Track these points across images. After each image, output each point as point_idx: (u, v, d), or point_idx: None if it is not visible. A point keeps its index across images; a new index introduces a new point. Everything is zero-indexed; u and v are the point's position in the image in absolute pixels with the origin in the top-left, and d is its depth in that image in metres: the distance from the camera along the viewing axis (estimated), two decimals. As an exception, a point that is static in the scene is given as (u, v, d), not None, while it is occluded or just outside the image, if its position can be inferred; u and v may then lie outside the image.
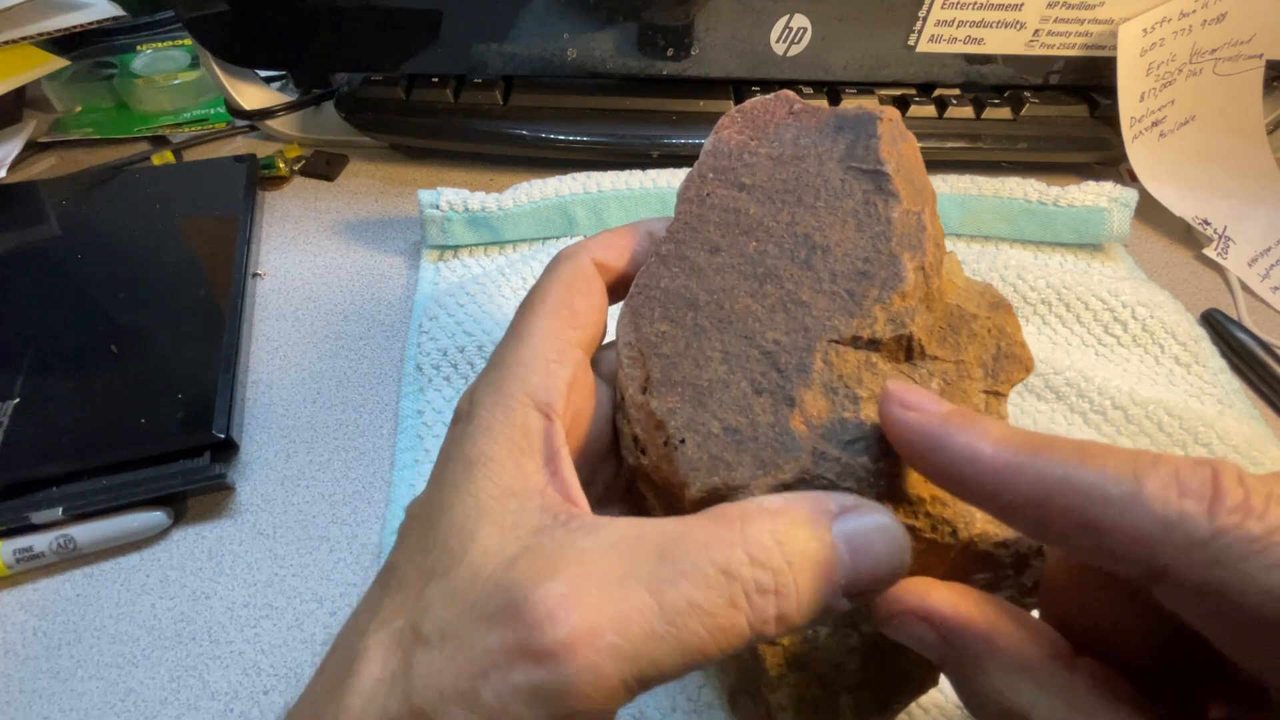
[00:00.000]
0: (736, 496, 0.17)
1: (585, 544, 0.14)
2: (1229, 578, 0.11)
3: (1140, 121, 0.43)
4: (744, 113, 0.22)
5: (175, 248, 0.38)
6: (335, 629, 0.26)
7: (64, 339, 0.33)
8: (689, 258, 0.20)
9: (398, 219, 0.42)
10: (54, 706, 0.24)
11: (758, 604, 0.14)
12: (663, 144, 0.42)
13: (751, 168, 0.21)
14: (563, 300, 0.19)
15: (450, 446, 0.17)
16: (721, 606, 0.14)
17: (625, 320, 0.20)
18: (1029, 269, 0.36)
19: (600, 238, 0.21)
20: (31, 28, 0.43)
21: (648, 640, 0.13)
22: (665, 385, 0.18)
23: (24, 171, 0.44)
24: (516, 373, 0.17)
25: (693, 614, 0.13)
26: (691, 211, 0.21)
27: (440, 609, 0.14)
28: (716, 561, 0.14)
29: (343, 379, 0.34)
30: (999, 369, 0.19)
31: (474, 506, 0.16)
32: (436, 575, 0.15)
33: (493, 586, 0.14)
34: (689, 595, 0.14)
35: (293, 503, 0.30)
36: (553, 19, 0.38)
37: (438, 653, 0.14)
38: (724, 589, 0.14)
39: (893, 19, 0.39)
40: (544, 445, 0.17)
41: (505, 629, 0.13)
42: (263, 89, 0.44)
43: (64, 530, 0.27)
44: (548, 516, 0.15)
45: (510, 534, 0.15)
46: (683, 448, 0.17)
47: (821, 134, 0.21)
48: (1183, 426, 0.30)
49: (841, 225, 0.19)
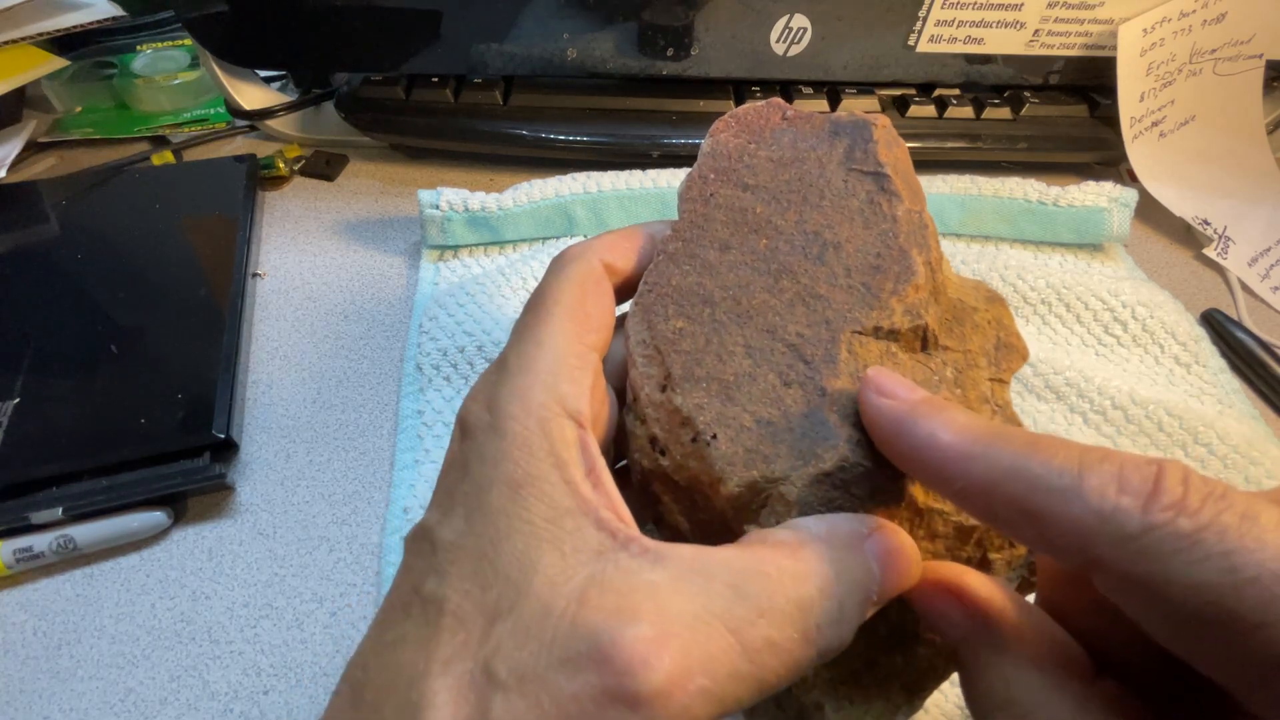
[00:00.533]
0: (777, 489, 0.17)
1: (654, 577, 0.14)
2: (1156, 571, 0.12)
3: (1140, 121, 0.43)
4: (737, 118, 0.23)
5: (175, 248, 0.38)
6: (335, 629, 0.26)
7: (64, 339, 0.33)
8: (699, 255, 0.20)
9: (398, 219, 0.42)
10: (54, 706, 0.24)
11: (827, 635, 0.14)
12: (663, 144, 0.42)
13: (753, 169, 0.21)
14: (577, 303, 0.19)
15: (480, 464, 0.16)
16: (798, 642, 0.14)
17: (636, 319, 0.20)
18: (1029, 269, 0.36)
19: (605, 239, 0.21)
20: (31, 28, 0.43)
21: (731, 680, 0.13)
22: (689, 381, 0.18)
23: (24, 171, 0.44)
24: (544, 380, 0.17)
25: (771, 651, 0.14)
26: (697, 211, 0.21)
27: (513, 650, 0.14)
28: (792, 598, 0.14)
29: (343, 379, 0.34)
30: (1000, 358, 0.20)
31: (529, 533, 0.15)
32: (502, 612, 0.14)
33: (569, 626, 0.14)
34: (767, 634, 0.14)
35: (293, 503, 0.30)
36: (553, 19, 0.38)
37: (517, 698, 0.13)
38: (800, 624, 0.14)
39: (893, 19, 0.39)
40: (582, 456, 0.16)
41: (592, 674, 0.13)
42: (263, 89, 0.44)
43: (64, 530, 0.27)
44: (606, 537, 0.15)
45: (572, 559, 0.15)
46: (715, 443, 0.17)
47: (818, 138, 0.22)
48: (1183, 426, 0.30)
49: (849, 223, 0.20)
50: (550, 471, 0.16)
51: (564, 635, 0.14)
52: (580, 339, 0.18)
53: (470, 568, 0.15)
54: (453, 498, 0.16)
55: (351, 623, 0.26)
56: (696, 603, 0.14)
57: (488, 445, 0.16)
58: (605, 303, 0.19)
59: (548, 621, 0.14)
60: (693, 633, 0.13)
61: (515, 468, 0.16)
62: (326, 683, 0.25)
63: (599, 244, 0.21)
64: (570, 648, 0.13)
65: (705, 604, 0.14)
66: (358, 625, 0.26)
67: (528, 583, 0.14)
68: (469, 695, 0.14)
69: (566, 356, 0.17)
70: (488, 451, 0.16)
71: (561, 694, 0.13)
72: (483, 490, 0.16)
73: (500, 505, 0.15)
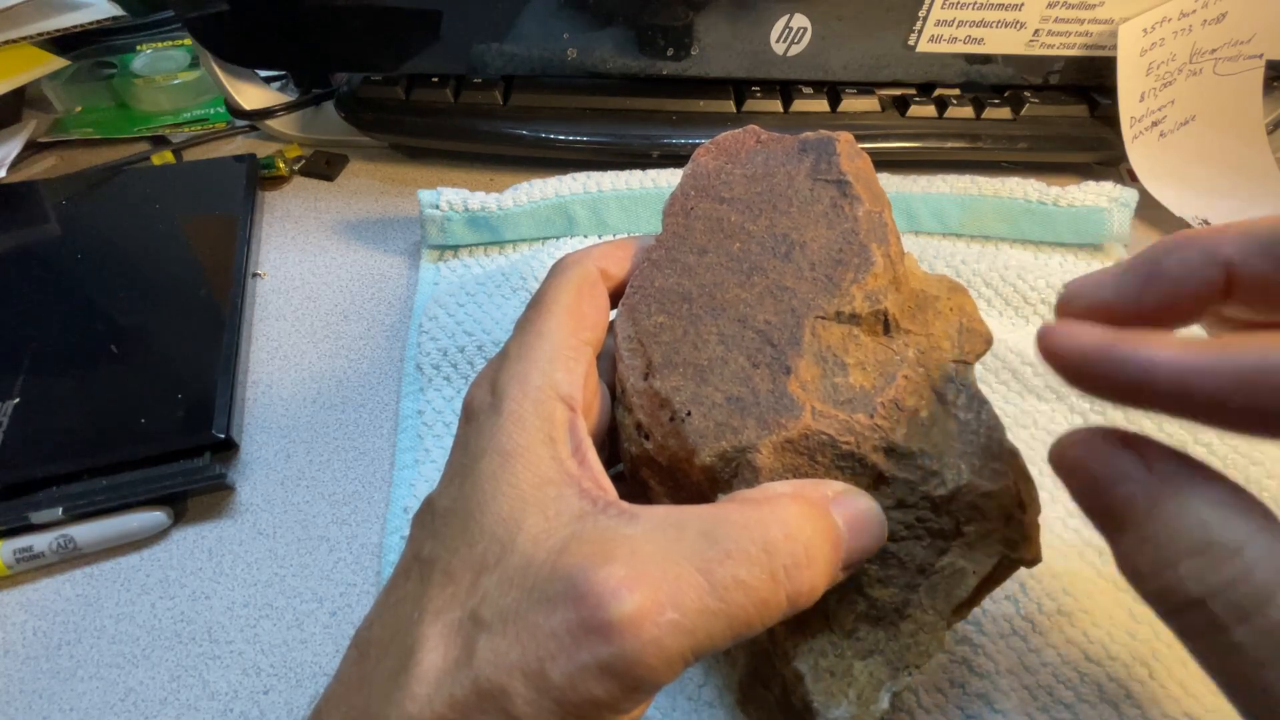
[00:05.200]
0: (745, 457, 0.18)
1: (630, 530, 0.15)
2: None
3: (1140, 121, 0.43)
4: (717, 144, 0.25)
5: (175, 248, 0.38)
6: (335, 629, 0.26)
7: (64, 339, 0.33)
8: (679, 259, 0.22)
9: (398, 219, 0.42)
10: (54, 706, 0.24)
11: (795, 577, 0.15)
12: (663, 144, 0.42)
13: (729, 184, 0.23)
14: (574, 302, 0.20)
15: (477, 438, 0.18)
16: (765, 581, 0.15)
17: (623, 318, 0.22)
18: (1029, 269, 0.36)
19: (601, 248, 0.23)
20: (31, 28, 0.43)
21: (701, 615, 0.14)
22: (667, 368, 0.20)
23: (24, 171, 0.44)
24: (541, 367, 0.18)
25: (739, 589, 0.15)
26: (678, 223, 0.23)
27: (498, 596, 0.15)
28: (757, 540, 0.15)
29: (343, 379, 0.34)
30: (963, 341, 0.21)
31: (516, 496, 0.16)
32: (488, 565, 0.16)
33: (549, 571, 0.15)
34: (735, 572, 0.15)
35: (293, 503, 0.30)
36: (553, 19, 0.38)
37: (500, 637, 0.14)
38: (766, 565, 0.15)
39: (893, 19, 0.39)
40: (570, 436, 0.18)
41: (568, 610, 0.14)
42: (263, 89, 0.44)
43: (64, 530, 0.27)
44: (587, 502, 0.16)
45: (555, 521, 0.16)
46: (689, 419, 0.19)
47: (788, 156, 0.24)
48: (1183, 425, 0.30)
49: (814, 225, 0.22)
50: (540, 446, 0.17)
51: (544, 580, 0.15)
52: (576, 334, 0.20)
53: (460, 527, 0.16)
54: (452, 471, 0.18)
55: (351, 623, 0.26)
56: (668, 548, 0.15)
57: (486, 422, 0.18)
58: (600, 303, 0.21)
59: (529, 571, 0.15)
60: (662, 570, 0.15)
61: (508, 439, 0.17)
62: (326, 683, 0.25)
63: (595, 252, 0.23)
64: (549, 589, 0.15)
65: (676, 549, 0.15)
66: (358, 625, 0.26)
67: (512, 540, 0.16)
68: (456, 639, 0.15)
69: (562, 348, 0.19)
70: (485, 427, 0.18)
71: (540, 630, 0.14)
72: (476, 459, 0.17)
73: (491, 471, 0.17)
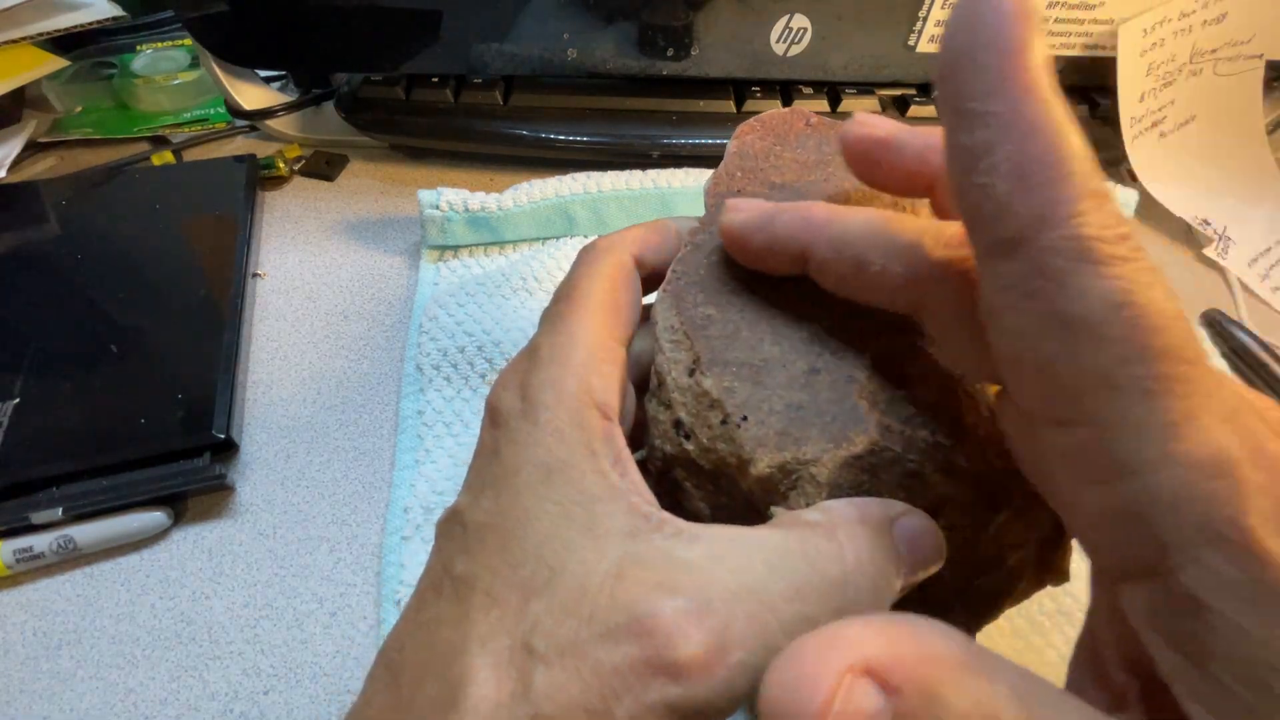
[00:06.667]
0: (807, 470, 0.17)
1: (690, 555, 0.14)
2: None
3: (1140, 121, 0.43)
4: (763, 122, 0.23)
5: (175, 248, 0.38)
6: (335, 629, 0.26)
7: (64, 339, 0.33)
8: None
9: (398, 219, 0.42)
10: (54, 706, 0.24)
11: (859, 612, 0.14)
12: (663, 144, 0.42)
13: (779, 169, 0.22)
14: (608, 296, 0.19)
15: (511, 448, 0.17)
16: (831, 619, 0.14)
17: (665, 305, 0.20)
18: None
19: (635, 232, 0.21)
20: (31, 28, 0.43)
21: (768, 655, 0.13)
22: (718, 365, 0.18)
23: (24, 171, 0.44)
24: (577, 372, 0.17)
25: (806, 628, 0.14)
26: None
27: (552, 625, 0.14)
28: (825, 577, 0.14)
29: (343, 379, 0.34)
30: None
31: (560, 514, 0.15)
32: (536, 589, 0.15)
33: (608, 600, 0.14)
34: (803, 610, 0.14)
35: (293, 503, 0.30)
36: (553, 19, 0.38)
37: (559, 671, 0.14)
38: (833, 603, 0.14)
39: (893, 19, 0.39)
40: (608, 446, 0.17)
41: (632, 645, 0.13)
42: (263, 89, 0.44)
43: (64, 530, 0.27)
44: (638, 519, 0.15)
45: (604, 541, 0.15)
46: (745, 424, 0.18)
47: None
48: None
49: None
50: (583, 460, 0.16)
51: (603, 610, 0.14)
52: (610, 332, 0.18)
53: (498, 545, 0.15)
54: (483, 481, 0.17)
55: (351, 623, 0.26)
56: (733, 579, 0.14)
57: (520, 431, 0.17)
58: (634, 297, 0.20)
59: (585, 598, 0.14)
60: (730, 608, 0.14)
61: (547, 453, 0.16)
62: (326, 683, 0.25)
63: (630, 236, 0.21)
64: (609, 621, 0.14)
65: (741, 580, 0.14)
66: (358, 625, 0.26)
67: (560, 562, 0.15)
68: (510, 670, 0.14)
69: (597, 350, 0.18)
70: (519, 437, 0.16)
71: (602, 666, 0.13)
72: (513, 473, 0.16)
73: (530, 487, 0.16)
